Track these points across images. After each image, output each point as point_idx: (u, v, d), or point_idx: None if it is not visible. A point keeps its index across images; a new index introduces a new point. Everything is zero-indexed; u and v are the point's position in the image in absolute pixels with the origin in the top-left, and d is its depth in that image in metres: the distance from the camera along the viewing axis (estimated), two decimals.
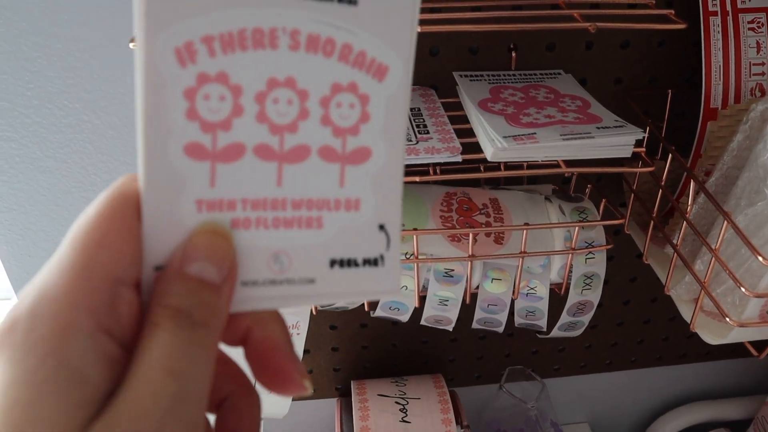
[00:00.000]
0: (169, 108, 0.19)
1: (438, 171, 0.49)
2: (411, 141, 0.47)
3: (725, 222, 0.44)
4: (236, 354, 0.23)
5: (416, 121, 0.51)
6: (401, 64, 0.21)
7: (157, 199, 0.19)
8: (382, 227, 0.23)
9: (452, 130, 0.49)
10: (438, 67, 0.57)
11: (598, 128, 0.46)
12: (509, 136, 0.45)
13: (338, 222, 0.22)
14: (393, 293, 0.23)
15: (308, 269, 0.22)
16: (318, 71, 0.20)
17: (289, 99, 0.20)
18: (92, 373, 0.17)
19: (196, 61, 0.19)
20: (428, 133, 0.48)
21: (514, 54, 0.57)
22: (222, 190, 0.20)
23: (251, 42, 0.19)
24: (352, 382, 0.73)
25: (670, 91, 0.59)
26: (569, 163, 0.47)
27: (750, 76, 0.55)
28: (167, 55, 0.18)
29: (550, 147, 0.45)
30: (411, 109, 0.53)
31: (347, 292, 0.22)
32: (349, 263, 0.22)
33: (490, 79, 0.56)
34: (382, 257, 0.23)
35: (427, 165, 0.48)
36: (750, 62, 0.54)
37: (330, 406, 0.83)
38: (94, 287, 0.18)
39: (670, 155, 0.51)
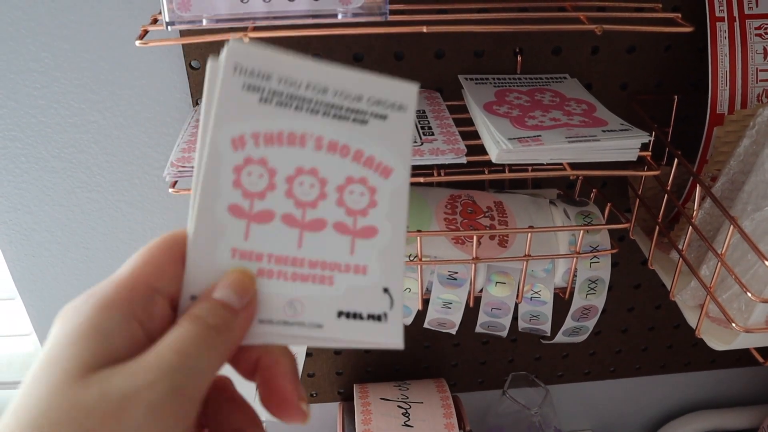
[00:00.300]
0: (221, 177, 0.25)
1: (442, 173, 0.49)
2: (416, 143, 0.47)
3: (731, 227, 0.44)
4: (246, 393, 0.27)
5: (421, 123, 0.51)
6: (403, 166, 0.26)
7: (201, 242, 0.25)
8: (386, 290, 0.26)
9: (457, 132, 0.49)
10: (443, 70, 0.57)
11: (603, 131, 0.46)
12: (514, 138, 0.45)
13: (348, 282, 0.26)
14: (395, 346, 0.26)
15: (318, 316, 0.26)
16: (335, 166, 0.26)
17: (312, 183, 0.26)
18: (116, 339, 0.22)
19: (245, 148, 0.25)
20: (433, 134, 0.48)
21: (519, 58, 0.57)
22: (253, 244, 0.25)
23: (286, 140, 0.25)
24: (354, 385, 0.73)
25: (676, 96, 0.59)
26: (574, 166, 0.47)
27: (756, 82, 0.54)
28: (225, 141, 0.25)
29: (555, 149, 0.45)
30: (416, 111, 0.53)
31: (351, 339, 0.26)
32: (355, 316, 0.26)
33: (495, 83, 0.56)
34: (385, 314, 0.26)
35: (432, 167, 0.48)
36: (757, 68, 0.54)
37: (332, 409, 0.82)
38: (136, 288, 0.24)
39: (675, 160, 0.51)
